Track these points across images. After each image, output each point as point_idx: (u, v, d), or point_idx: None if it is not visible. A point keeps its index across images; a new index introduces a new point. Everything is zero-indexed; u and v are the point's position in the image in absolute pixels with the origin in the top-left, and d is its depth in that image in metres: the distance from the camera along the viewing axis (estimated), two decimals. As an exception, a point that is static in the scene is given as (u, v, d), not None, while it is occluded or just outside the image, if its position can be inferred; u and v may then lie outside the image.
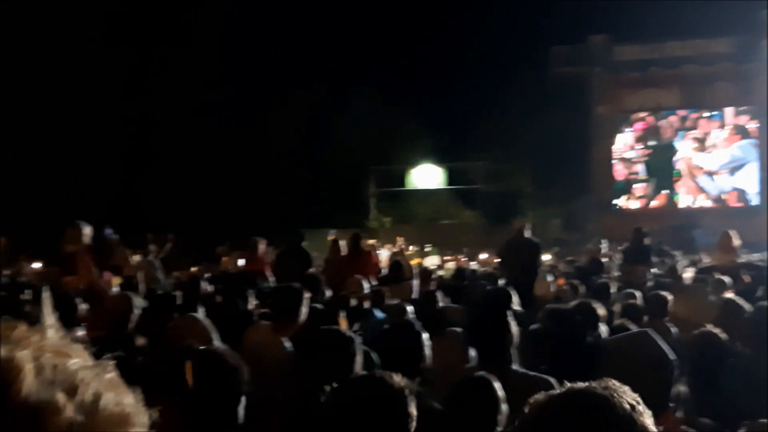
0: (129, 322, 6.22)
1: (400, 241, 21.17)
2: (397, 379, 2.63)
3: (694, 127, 34.60)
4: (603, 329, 5.50)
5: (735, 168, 33.91)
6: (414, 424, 2.54)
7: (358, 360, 3.49)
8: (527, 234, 11.48)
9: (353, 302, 7.58)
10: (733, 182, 33.94)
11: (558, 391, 1.65)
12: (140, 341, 5.58)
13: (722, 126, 34.22)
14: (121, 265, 9.58)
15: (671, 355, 2.52)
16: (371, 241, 17.84)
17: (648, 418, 1.60)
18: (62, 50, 33.21)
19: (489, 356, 3.93)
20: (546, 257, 10.18)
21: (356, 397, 2.58)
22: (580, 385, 1.65)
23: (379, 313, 7.29)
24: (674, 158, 34.99)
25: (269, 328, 5.63)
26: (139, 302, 6.47)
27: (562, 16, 36.45)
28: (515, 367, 3.86)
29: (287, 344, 5.23)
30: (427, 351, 4.21)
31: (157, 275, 11.84)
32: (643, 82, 34.72)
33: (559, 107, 34.41)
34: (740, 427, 2.68)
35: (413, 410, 2.55)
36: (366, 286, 8.63)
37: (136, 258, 11.38)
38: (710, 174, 34.32)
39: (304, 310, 5.77)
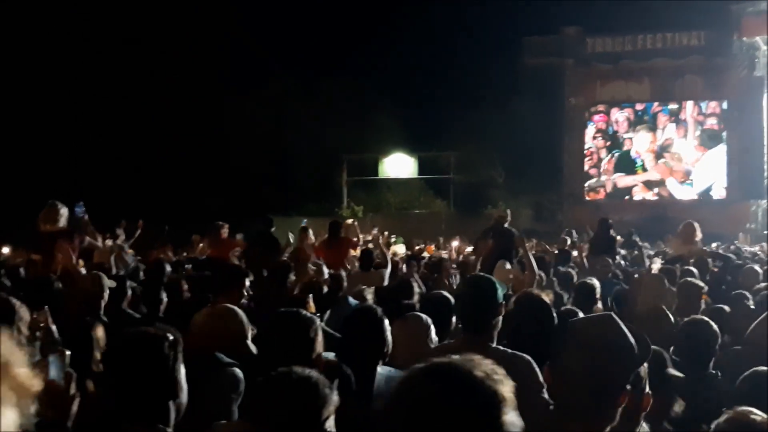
0: (100, 302, 6.29)
1: (375, 230, 21.15)
2: (314, 374, 2.66)
3: (656, 120, 34.89)
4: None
5: (701, 161, 34.19)
6: (329, 414, 2.59)
7: (319, 342, 3.49)
8: (507, 224, 11.52)
9: (325, 288, 7.61)
10: (699, 175, 34.23)
11: (421, 364, 1.78)
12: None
13: (690, 118, 34.49)
14: (91, 248, 9.52)
15: (630, 340, 2.56)
16: (349, 221, 17.81)
17: (505, 386, 1.72)
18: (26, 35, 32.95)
19: (473, 333, 4.00)
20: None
21: (272, 393, 2.63)
22: (442, 358, 1.78)
23: (352, 300, 7.31)
24: (634, 151, 35.26)
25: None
26: (109, 283, 6.51)
27: (535, 7, 36.59)
28: (495, 345, 3.92)
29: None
30: (389, 336, 4.22)
31: (126, 260, 11.82)
32: (614, 74, 34.95)
33: (531, 98, 34.53)
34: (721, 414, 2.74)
35: (328, 406, 2.60)
36: (326, 271, 8.65)
37: (108, 243, 11.31)
38: (677, 167, 34.59)
39: (246, 286, 5.88)
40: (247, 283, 6.19)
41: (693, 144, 34.58)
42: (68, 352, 2.75)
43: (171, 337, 2.83)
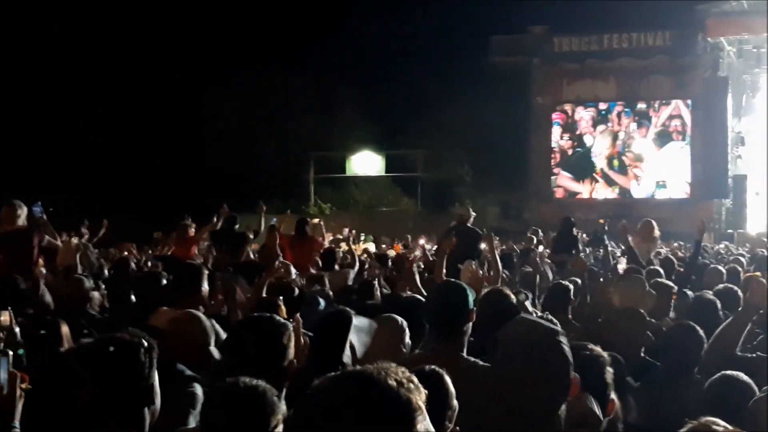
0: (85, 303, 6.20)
1: (346, 230, 21.14)
2: (262, 383, 2.67)
3: (620, 120, 35.10)
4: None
5: (665, 160, 34.42)
6: (277, 423, 2.59)
7: (291, 349, 3.44)
8: (470, 222, 11.43)
9: (296, 290, 7.53)
10: (664, 174, 34.46)
11: (334, 373, 1.74)
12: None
13: (654, 118, 34.72)
14: (51, 247, 9.40)
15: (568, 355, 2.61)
16: (315, 220, 17.72)
17: (418, 395, 1.68)
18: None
19: (444, 339, 3.97)
20: (483, 246, 10.09)
21: (220, 403, 2.65)
22: (355, 368, 1.76)
23: (323, 302, 7.24)
24: (594, 151, 35.44)
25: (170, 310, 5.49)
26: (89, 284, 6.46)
27: (503, 6, 36.69)
28: (465, 354, 3.89)
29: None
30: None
31: (91, 259, 11.70)
32: (580, 73, 35.10)
33: (499, 96, 34.64)
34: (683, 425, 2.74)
35: (276, 415, 2.61)
36: (294, 271, 8.59)
37: (74, 241, 11.19)
38: (635, 169, 34.81)
39: (206, 288, 5.73)
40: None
41: (652, 144, 34.74)
42: (11, 353, 2.75)
43: (146, 344, 2.82)
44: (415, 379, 1.73)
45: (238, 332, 3.51)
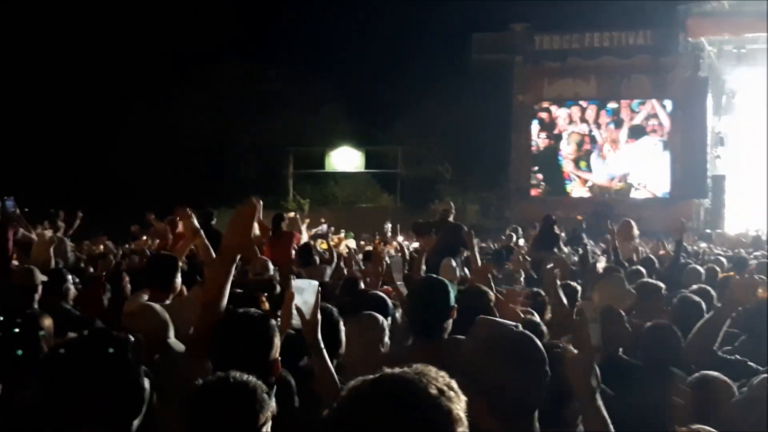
0: (34, 295, 6.14)
1: (324, 226, 21.06)
2: (252, 379, 2.63)
3: (598, 118, 35.13)
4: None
5: (640, 159, 34.47)
6: (266, 420, 2.56)
7: (277, 344, 3.37)
8: (452, 217, 11.36)
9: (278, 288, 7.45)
10: (641, 172, 34.54)
11: (372, 376, 1.69)
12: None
13: (632, 116, 34.78)
14: (26, 240, 9.33)
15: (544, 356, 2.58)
16: (291, 213, 17.62)
17: (458, 404, 1.64)
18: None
19: (425, 337, 3.95)
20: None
21: (209, 398, 2.58)
22: (395, 370, 1.68)
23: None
24: (562, 152, 35.43)
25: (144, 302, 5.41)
26: (41, 277, 6.33)
27: (485, 3, 36.70)
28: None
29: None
30: (343, 337, 4.18)
31: (66, 251, 11.64)
32: (562, 72, 35.12)
33: (480, 94, 34.65)
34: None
35: (265, 411, 2.57)
36: (272, 267, 8.51)
37: (48, 234, 11.09)
38: (617, 164, 34.90)
39: (179, 280, 5.67)
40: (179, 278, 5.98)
41: (628, 142, 34.76)
42: None
43: (132, 340, 2.76)
44: (455, 386, 1.68)
45: (224, 327, 3.44)
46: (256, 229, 11.17)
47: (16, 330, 3.84)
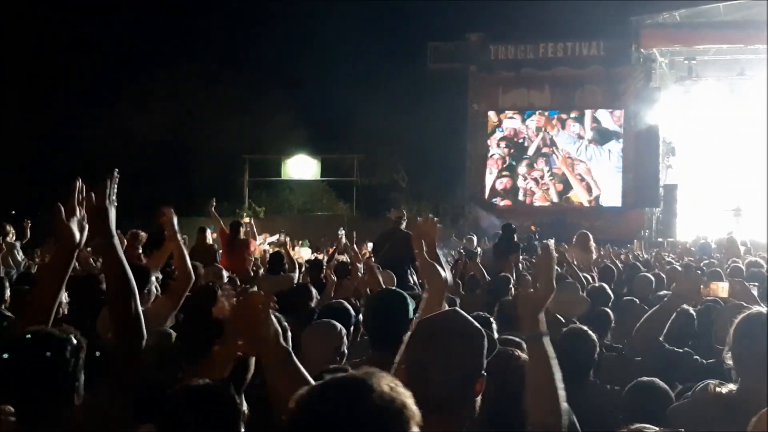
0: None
1: (282, 235, 21.02)
2: (225, 385, 2.64)
3: (555, 129, 35.34)
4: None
5: (596, 169, 34.75)
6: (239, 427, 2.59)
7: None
8: (403, 226, 11.33)
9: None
10: (593, 183, 34.83)
11: (319, 381, 1.72)
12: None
13: (584, 126, 35.05)
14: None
15: (479, 327, 2.63)
16: (246, 219, 17.57)
17: (409, 398, 1.66)
18: None
19: (381, 349, 3.95)
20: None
21: (183, 404, 2.58)
22: (339, 374, 1.73)
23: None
24: (515, 160, 35.56)
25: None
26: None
27: (440, 12, 36.90)
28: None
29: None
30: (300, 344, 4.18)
31: (17, 258, 11.60)
32: (516, 81, 35.32)
33: (435, 103, 34.79)
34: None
35: (239, 418, 2.61)
36: (226, 275, 8.45)
37: (-3, 241, 11.01)
38: (572, 175, 35.15)
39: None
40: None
41: (581, 151, 34.99)
42: None
43: (75, 341, 2.73)
44: (401, 385, 1.70)
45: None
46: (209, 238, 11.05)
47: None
